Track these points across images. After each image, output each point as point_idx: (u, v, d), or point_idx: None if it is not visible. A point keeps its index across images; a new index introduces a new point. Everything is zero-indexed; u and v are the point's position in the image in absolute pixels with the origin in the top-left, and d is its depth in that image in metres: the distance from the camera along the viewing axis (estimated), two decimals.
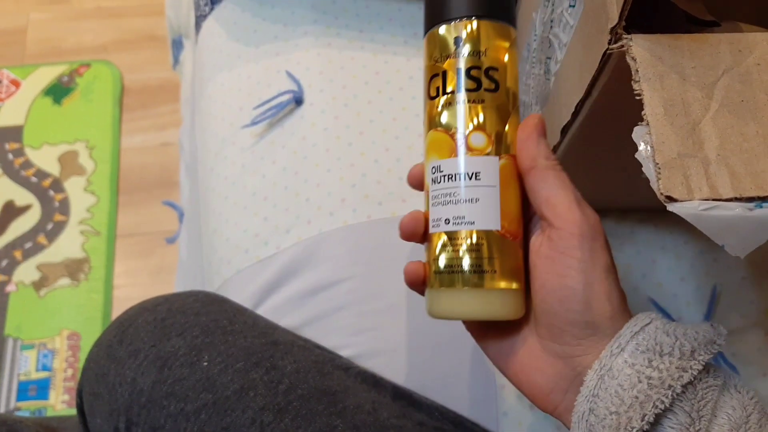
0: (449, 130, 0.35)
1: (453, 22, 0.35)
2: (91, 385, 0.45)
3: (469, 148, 0.34)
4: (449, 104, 0.35)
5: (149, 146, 1.23)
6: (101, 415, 0.44)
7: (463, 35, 0.35)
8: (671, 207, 0.25)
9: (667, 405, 0.28)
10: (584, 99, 0.34)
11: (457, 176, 0.34)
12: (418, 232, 0.36)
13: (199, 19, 0.70)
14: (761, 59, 0.28)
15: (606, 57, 0.30)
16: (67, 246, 1.12)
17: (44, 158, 1.20)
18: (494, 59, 0.35)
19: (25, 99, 1.26)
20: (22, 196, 1.16)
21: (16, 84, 1.27)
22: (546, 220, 0.32)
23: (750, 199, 0.25)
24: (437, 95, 0.35)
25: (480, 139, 0.34)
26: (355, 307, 0.50)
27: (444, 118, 0.35)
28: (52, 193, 1.17)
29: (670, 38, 0.29)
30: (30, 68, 1.29)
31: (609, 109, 0.34)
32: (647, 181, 0.27)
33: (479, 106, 0.34)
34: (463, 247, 0.33)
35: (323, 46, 0.61)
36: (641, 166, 0.27)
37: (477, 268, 0.33)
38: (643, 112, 0.27)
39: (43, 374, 1.02)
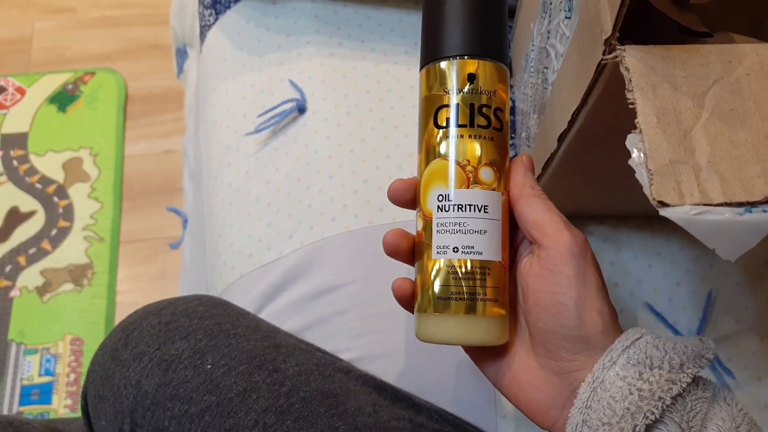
0: (460, 162, 0.36)
1: (470, 59, 0.37)
2: (96, 387, 0.45)
3: (479, 182, 0.35)
4: (461, 137, 0.36)
5: (152, 153, 1.24)
6: (106, 417, 0.44)
7: (479, 74, 0.36)
8: (663, 212, 0.26)
9: (658, 416, 0.29)
10: (580, 107, 0.35)
11: (467, 207, 0.35)
12: (401, 249, 0.37)
13: (204, 29, 0.71)
14: (750, 69, 0.28)
15: (600, 67, 0.31)
16: (70, 252, 1.13)
17: (49, 165, 1.21)
18: (501, 101, 0.37)
19: (30, 106, 1.27)
20: (26, 202, 1.17)
21: (21, 92, 1.28)
22: (535, 241, 0.34)
23: (740, 204, 0.26)
24: (446, 126, 0.36)
25: (489, 175, 0.36)
26: (357, 311, 0.51)
27: (453, 149, 0.36)
28: (56, 199, 1.18)
29: (662, 49, 0.29)
30: (35, 76, 1.31)
31: (604, 118, 0.35)
32: (642, 187, 0.28)
33: (489, 143, 0.36)
34: (468, 276, 0.35)
35: (326, 56, 0.62)
36: (635, 172, 0.28)
37: (477, 297, 0.35)
38: (636, 120, 0.28)
39: (46, 379, 1.02)
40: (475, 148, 0.36)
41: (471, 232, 0.35)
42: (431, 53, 0.38)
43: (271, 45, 0.64)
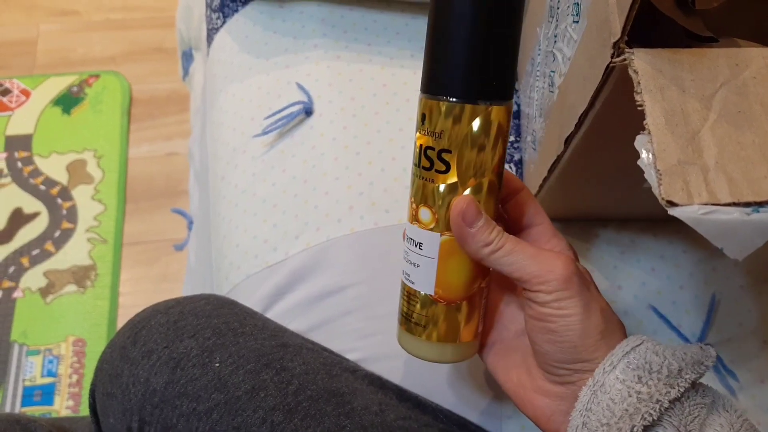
0: (411, 199, 0.38)
1: (427, 98, 0.35)
2: (105, 385, 0.46)
3: (418, 220, 0.37)
4: (414, 175, 0.38)
5: (156, 156, 1.25)
6: (114, 414, 0.44)
7: (428, 114, 0.35)
8: (672, 211, 0.26)
9: (655, 418, 0.30)
10: (587, 110, 0.36)
11: (409, 240, 0.38)
12: None
13: (211, 32, 0.71)
14: (757, 73, 0.29)
15: (609, 70, 0.31)
16: (74, 253, 1.13)
17: (53, 167, 1.21)
18: (449, 142, 0.35)
19: (35, 108, 1.27)
20: (30, 204, 1.18)
21: (26, 94, 1.29)
22: (523, 288, 0.34)
23: (747, 204, 0.26)
24: (413, 163, 0.38)
25: (426, 215, 0.37)
26: (362, 312, 0.51)
27: (412, 185, 0.38)
28: (60, 200, 1.18)
29: (670, 52, 0.30)
30: (40, 78, 1.31)
31: (611, 120, 0.35)
32: (648, 190, 0.28)
33: (429, 185, 0.36)
34: (409, 300, 0.38)
35: (332, 59, 0.63)
36: (643, 173, 0.28)
37: (416, 321, 0.38)
38: (645, 122, 0.28)
39: (48, 380, 1.03)
40: (418, 189, 0.37)
41: (410, 263, 0.38)
42: (422, 84, 0.37)
43: (279, 48, 0.65)
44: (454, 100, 0.34)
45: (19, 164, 1.22)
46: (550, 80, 0.45)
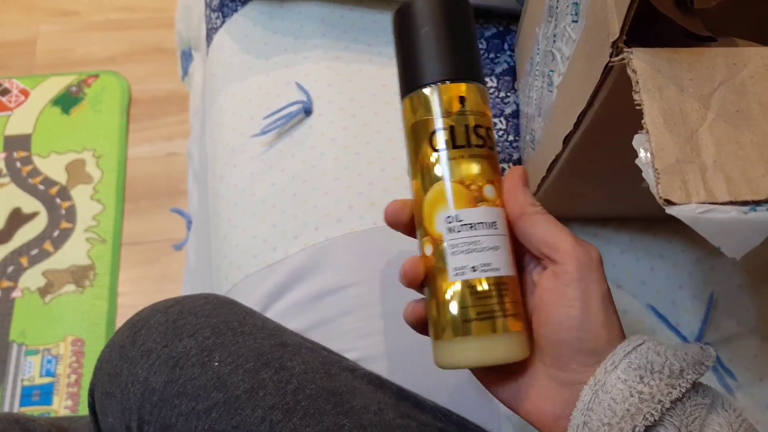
0: (464, 182, 0.36)
1: (458, 83, 0.37)
2: (104, 384, 0.46)
3: (485, 200, 0.36)
4: (460, 158, 0.36)
5: (156, 156, 1.25)
6: (113, 414, 0.44)
7: (468, 96, 0.37)
8: (670, 210, 0.27)
9: (657, 418, 0.30)
10: (586, 109, 0.36)
11: (479, 225, 0.35)
12: (401, 219, 0.38)
13: (210, 32, 0.71)
14: (755, 72, 0.29)
15: (607, 69, 0.32)
16: (72, 253, 1.13)
17: (52, 166, 1.21)
18: (488, 120, 0.38)
19: (34, 108, 1.27)
20: (29, 204, 1.18)
21: (25, 93, 1.29)
22: (548, 259, 0.35)
23: (745, 203, 0.26)
24: (445, 148, 0.36)
25: (492, 192, 0.36)
26: (361, 312, 0.52)
27: (455, 169, 0.36)
28: (58, 200, 1.18)
29: (668, 52, 0.30)
30: (39, 78, 1.31)
31: (610, 120, 0.35)
32: (647, 189, 0.28)
33: (486, 161, 0.37)
34: (488, 294, 0.34)
35: (332, 59, 0.63)
36: (641, 172, 0.28)
37: (497, 314, 0.34)
38: (643, 121, 0.29)
39: (46, 380, 1.03)
40: (476, 168, 0.36)
41: (486, 249, 0.35)
42: (416, 80, 0.38)
43: (278, 48, 0.65)
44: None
45: (18, 164, 1.22)
46: (549, 80, 0.45)
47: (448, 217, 0.36)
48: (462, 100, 0.37)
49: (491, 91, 0.61)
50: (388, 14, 0.65)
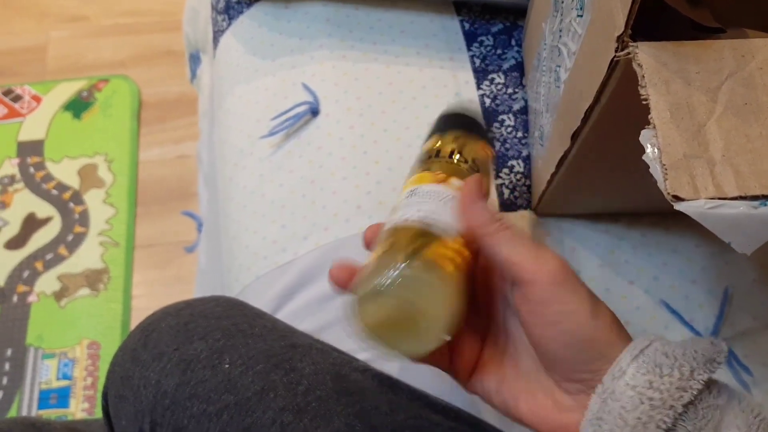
0: (432, 172, 0.42)
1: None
2: (117, 387, 0.46)
3: (447, 183, 0.41)
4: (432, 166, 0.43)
5: (166, 159, 1.26)
6: (126, 416, 0.45)
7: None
8: (678, 206, 0.26)
9: (669, 425, 0.29)
10: (593, 105, 0.35)
11: (432, 193, 0.40)
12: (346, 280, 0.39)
13: (217, 35, 0.72)
14: (764, 63, 0.29)
15: (613, 64, 0.31)
16: (87, 257, 1.14)
17: (64, 171, 1.22)
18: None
19: (46, 114, 1.29)
20: (43, 209, 1.19)
21: (37, 99, 1.30)
22: (515, 280, 0.34)
23: (754, 198, 0.26)
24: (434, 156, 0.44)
25: (458, 183, 0.41)
26: None
27: (431, 167, 0.42)
28: (72, 205, 1.19)
29: (674, 45, 0.30)
30: (51, 84, 1.32)
31: (617, 115, 0.35)
32: (656, 185, 0.28)
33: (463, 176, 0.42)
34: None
35: (338, 59, 0.63)
36: (649, 168, 0.28)
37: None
38: (649, 116, 0.28)
39: (63, 383, 1.04)
40: (446, 168, 0.42)
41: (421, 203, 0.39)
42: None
43: (284, 49, 0.65)
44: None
45: (32, 170, 1.23)
46: (556, 75, 0.45)
47: (411, 189, 0.40)
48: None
49: (499, 87, 0.60)
50: (393, 12, 0.65)
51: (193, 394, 0.42)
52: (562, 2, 0.42)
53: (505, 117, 0.59)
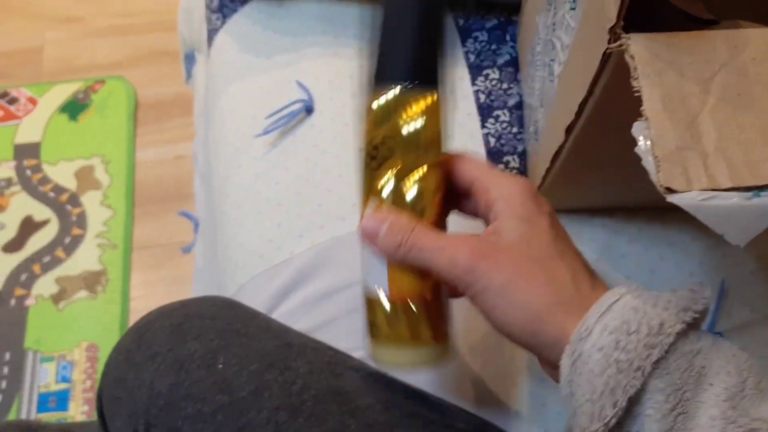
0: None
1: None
2: (111, 389, 0.46)
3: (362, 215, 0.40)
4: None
5: (163, 159, 1.25)
6: (121, 418, 0.45)
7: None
8: (671, 198, 0.26)
9: (639, 387, 0.27)
10: (587, 98, 0.35)
11: (361, 238, 0.39)
12: None
13: (211, 33, 0.71)
14: (756, 54, 0.28)
15: (606, 56, 0.31)
16: (84, 259, 1.14)
17: (61, 173, 1.22)
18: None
19: (42, 116, 1.28)
20: (40, 211, 1.18)
21: (33, 102, 1.30)
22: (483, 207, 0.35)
23: (748, 189, 0.25)
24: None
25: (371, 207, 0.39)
26: None
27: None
28: (69, 207, 1.19)
29: (667, 36, 0.29)
30: (46, 86, 1.32)
31: (611, 108, 0.35)
32: (650, 176, 0.28)
33: (367, 178, 0.40)
34: (369, 307, 0.39)
35: (332, 56, 0.62)
36: (642, 160, 0.28)
37: (378, 327, 0.38)
38: (642, 108, 0.28)
39: (62, 386, 1.03)
40: (367, 178, 0.40)
41: (364, 264, 0.39)
42: None
43: (278, 47, 0.65)
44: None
45: (28, 172, 1.23)
46: (550, 69, 0.44)
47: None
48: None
49: (493, 82, 0.60)
50: None
51: (188, 395, 0.42)
52: None
53: (500, 113, 0.58)
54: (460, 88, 0.59)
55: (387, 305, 0.37)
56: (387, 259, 0.36)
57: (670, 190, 0.26)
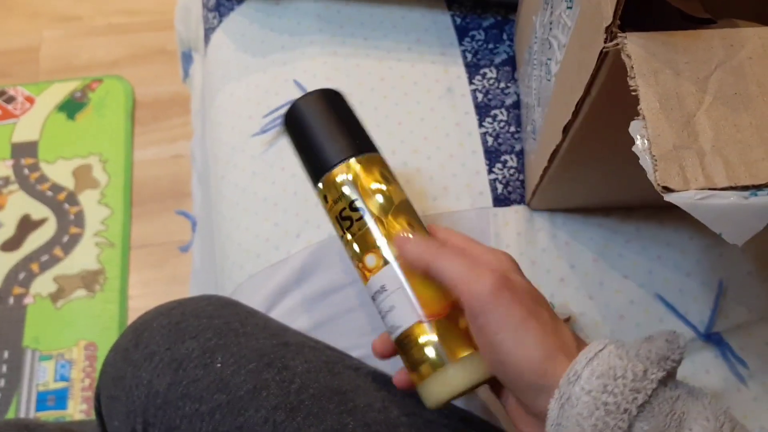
0: (356, 263, 0.42)
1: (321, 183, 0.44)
2: (109, 388, 0.46)
3: (369, 270, 0.40)
4: (346, 245, 0.42)
5: (161, 158, 1.25)
6: (119, 417, 0.45)
7: (325, 193, 0.44)
8: (668, 197, 0.26)
9: (625, 429, 0.29)
10: (584, 97, 0.35)
11: (376, 294, 0.40)
12: (388, 352, 0.42)
13: (208, 32, 0.71)
14: (753, 53, 0.28)
15: (603, 55, 0.31)
16: (82, 258, 1.13)
17: (59, 172, 1.22)
18: (348, 198, 0.42)
19: (40, 115, 1.28)
20: (38, 210, 1.18)
21: (30, 101, 1.30)
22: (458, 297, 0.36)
23: (745, 188, 0.25)
24: (341, 235, 0.43)
25: (372, 259, 0.40)
26: (365, 309, 0.51)
27: (350, 253, 0.42)
28: (67, 206, 1.19)
29: (663, 35, 0.29)
30: (44, 85, 1.32)
31: (608, 107, 0.35)
32: (647, 175, 0.28)
33: (361, 234, 0.41)
34: (411, 345, 0.38)
35: (329, 55, 0.62)
36: (639, 159, 0.28)
37: (429, 355, 0.38)
38: (639, 107, 0.28)
39: (61, 384, 1.03)
40: (358, 244, 0.41)
41: (388, 314, 0.39)
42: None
43: (275, 45, 0.64)
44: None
45: (26, 171, 1.22)
46: (547, 68, 0.44)
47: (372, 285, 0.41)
48: (324, 197, 0.44)
49: (491, 81, 0.60)
50: (384, 7, 0.65)
51: (185, 394, 0.42)
52: None
53: (497, 112, 0.58)
54: (458, 87, 0.59)
55: (427, 325, 0.38)
56: (411, 282, 0.38)
57: (667, 189, 0.26)
